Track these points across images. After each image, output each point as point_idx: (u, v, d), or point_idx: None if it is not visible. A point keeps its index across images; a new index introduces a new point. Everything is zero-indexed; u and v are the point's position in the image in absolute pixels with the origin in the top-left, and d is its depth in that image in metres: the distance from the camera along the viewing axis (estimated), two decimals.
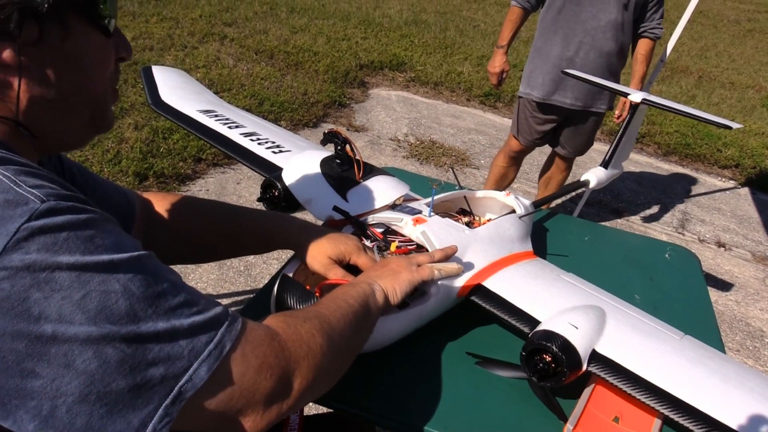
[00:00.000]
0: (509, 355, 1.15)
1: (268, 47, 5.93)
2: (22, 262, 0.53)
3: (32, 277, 0.53)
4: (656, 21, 2.94)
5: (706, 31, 10.65)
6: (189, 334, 0.61)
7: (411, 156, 4.52)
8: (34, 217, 0.55)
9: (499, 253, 1.27)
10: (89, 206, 0.62)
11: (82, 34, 0.69)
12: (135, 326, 0.57)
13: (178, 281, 0.65)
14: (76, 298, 0.55)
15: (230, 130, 1.67)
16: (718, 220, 4.41)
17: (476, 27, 8.41)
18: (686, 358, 1.07)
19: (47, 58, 0.66)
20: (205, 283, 2.81)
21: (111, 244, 0.60)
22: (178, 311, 0.61)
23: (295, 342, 0.73)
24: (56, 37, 0.66)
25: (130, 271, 0.59)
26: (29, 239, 0.54)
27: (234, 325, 0.66)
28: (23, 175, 0.58)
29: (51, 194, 0.57)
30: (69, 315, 0.54)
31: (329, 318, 0.82)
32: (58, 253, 0.55)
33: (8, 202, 0.55)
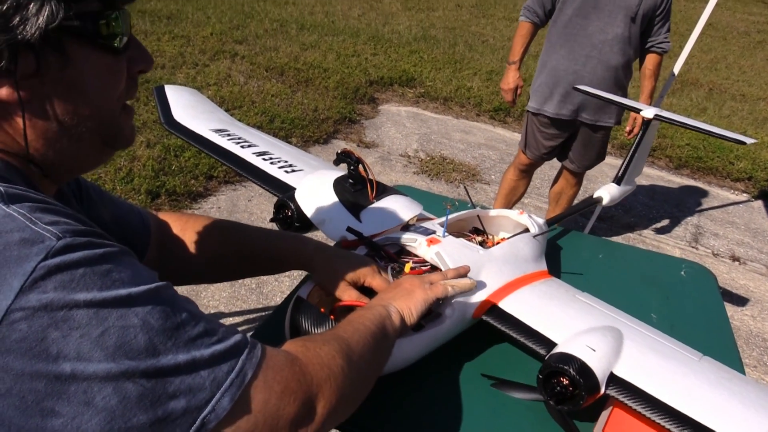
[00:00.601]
0: (525, 377, 1.13)
1: (278, 64, 5.98)
2: (39, 302, 0.52)
3: (50, 316, 0.53)
4: (663, 35, 2.94)
5: (716, 43, 10.62)
6: (210, 364, 0.60)
7: (421, 172, 4.52)
8: (50, 255, 0.54)
9: (513, 273, 1.27)
10: (106, 240, 0.61)
11: (84, 59, 0.65)
12: (155, 360, 0.57)
13: (196, 311, 0.64)
14: (95, 335, 0.54)
15: (243, 149, 1.67)
16: (732, 234, 4.37)
17: (485, 42, 8.43)
18: (706, 380, 1.05)
19: (48, 89, 0.64)
20: (217, 301, 2.81)
21: (128, 277, 0.59)
22: (198, 341, 0.61)
23: (315, 365, 0.72)
24: (55, 66, 0.63)
25: (148, 304, 0.59)
26: (46, 278, 0.53)
27: (254, 352, 0.66)
28: (39, 212, 0.58)
29: (67, 231, 0.57)
30: (88, 353, 0.54)
31: (348, 340, 0.81)
32: (75, 291, 0.54)
33: (25, 241, 0.54)
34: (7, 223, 0.55)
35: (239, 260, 1.16)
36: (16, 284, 0.52)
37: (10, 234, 0.54)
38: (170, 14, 7.03)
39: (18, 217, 0.56)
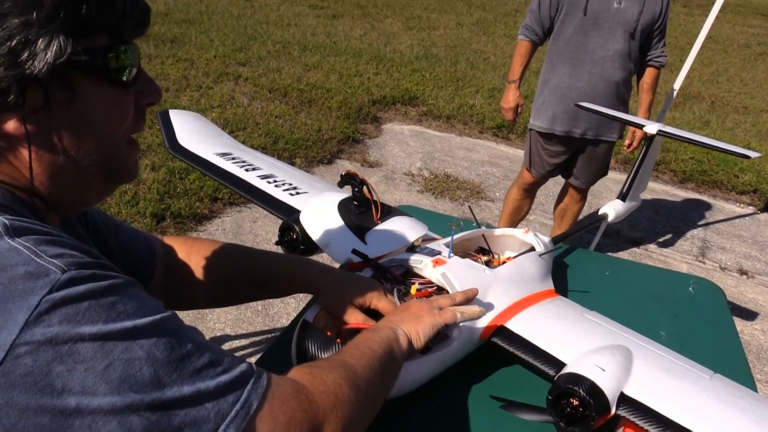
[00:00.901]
0: (535, 398, 1.12)
1: (281, 85, 6.02)
2: (44, 336, 0.52)
3: (55, 350, 0.52)
4: (660, 49, 2.97)
5: (717, 56, 10.66)
6: (215, 396, 0.60)
7: (426, 190, 4.52)
8: (55, 288, 0.54)
9: (520, 292, 1.26)
10: (111, 271, 0.61)
11: (92, 93, 0.65)
12: (160, 392, 0.56)
13: (202, 340, 0.64)
14: (100, 368, 0.54)
15: (247, 172, 1.68)
16: (739, 247, 4.35)
17: (486, 59, 8.48)
18: (717, 398, 1.04)
19: (55, 123, 0.64)
20: (223, 324, 2.80)
21: (133, 309, 0.59)
22: (203, 372, 0.60)
23: (322, 393, 0.71)
24: (63, 100, 0.63)
25: (154, 336, 0.59)
26: (51, 311, 0.53)
27: (260, 381, 0.65)
28: (44, 244, 0.58)
29: (72, 263, 0.57)
30: (92, 386, 0.53)
31: (355, 366, 0.80)
32: (80, 324, 0.54)
33: (29, 274, 0.54)
34: (12, 257, 0.55)
35: (244, 284, 1.16)
36: (21, 318, 0.52)
37: (15, 268, 0.54)
38: (174, 38, 7.11)
39: (23, 251, 0.56)
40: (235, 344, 2.70)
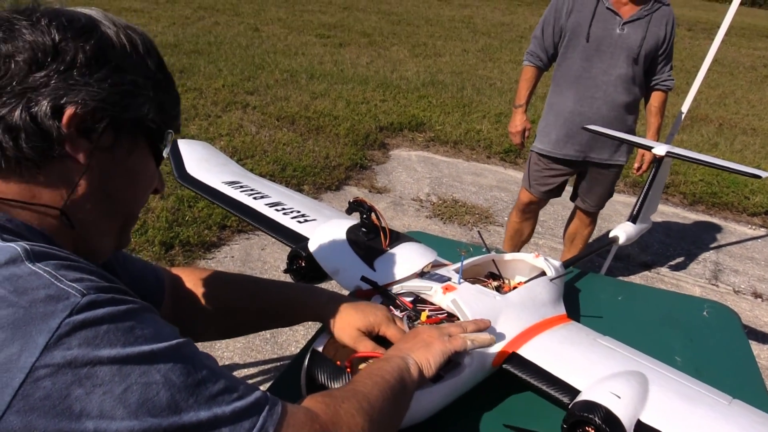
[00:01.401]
0: (549, 427, 1.10)
1: (289, 113, 6.07)
2: (63, 358, 0.53)
3: (74, 373, 0.53)
4: (666, 73, 2.97)
5: (723, 79, 10.68)
6: (231, 421, 0.61)
7: (434, 215, 4.52)
8: (75, 311, 0.56)
9: (532, 318, 1.24)
10: (129, 296, 0.63)
11: (144, 156, 0.78)
12: (177, 417, 0.57)
13: (216, 367, 0.65)
14: (118, 392, 0.55)
15: (255, 200, 1.68)
16: (753, 270, 4.30)
17: (492, 85, 8.53)
18: (738, 425, 1.01)
19: (111, 166, 0.73)
20: (232, 352, 2.78)
21: (150, 334, 0.60)
22: (219, 398, 0.61)
23: (335, 424, 0.71)
24: (125, 150, 0.74)
25: (170, 361, 0.59)
26: (71, 334, 0.54)
27: (275, 409, 0.66)
28: (63, 269, 0.59)
29: (91, 287, 0.59)
30: (110, 410, 0.54)
31: (368, 396, 0.80)
32: (99, 347, 0.55)
33: (50, 298, 0.56)
34: (33, 281, 0.57)
35: (252, 313, 1.16)
36: (42, 341, 0.53)
37: (35, 291, 0.56)
38: (183, 68, 7.20)
39: (43, 275, 0.58)
40: (244, 372, 2.67)
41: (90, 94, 0.68)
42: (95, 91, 0.68)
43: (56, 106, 0.66)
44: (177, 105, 0.82)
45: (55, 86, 0.66)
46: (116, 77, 0.70)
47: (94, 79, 0.68)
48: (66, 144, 0.67)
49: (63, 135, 0.67)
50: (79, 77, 0.67)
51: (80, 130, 0.68)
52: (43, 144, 0.66)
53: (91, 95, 0.68)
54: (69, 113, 0.66)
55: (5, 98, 0.65)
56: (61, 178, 0.69)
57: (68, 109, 0.66)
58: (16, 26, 0.66)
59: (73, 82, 0.67)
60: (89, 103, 0.68)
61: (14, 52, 0.65)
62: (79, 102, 0.67)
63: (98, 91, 0.68)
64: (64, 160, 0.68)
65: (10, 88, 0.65)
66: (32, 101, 0.65)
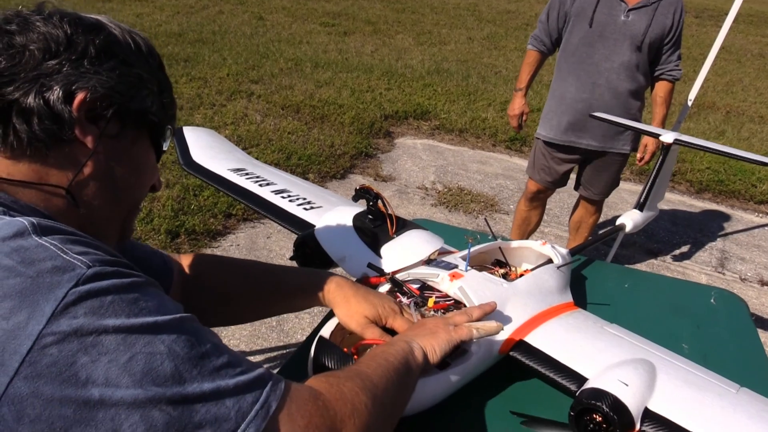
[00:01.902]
0: (556, 414, 1.10)
1: (294, 102, 6.05)
2: (70, 326, 0.54)
3: (80, 341, 0.54)
4: (673, 63, 2.93)
5: (731, 66, 10.58)
6: (235, 394, 0.61)
7: (439, 204, 4.51)
8: (81, 281, 0.57)
9: (539, 306, 1.24)
10: (133, 270, 0.64)
11: (146, 148, 0.83)
12: (180, 388, 0.58)
13: (220, 343, 0.66)
14: (123, 360, 0.56)
15: (261, 188, 1.68)
16: (759, 258, 4.28)
17: (498, 73, 8.48)
18: (745, 413, 1.01)
19: (116, 153, 0.77)
20: (238, 340, 2.79)
21: (154, 306, 0.61)
22: (223, 371, 0.62)
23: (339, 401, 0.72)
24: (130, 139, 0.78)
25: (174, 333, 0.60)
26: (77, 303, 0.56)
27: (278, 385, 0.66)
28: (69, 243, 0.61)
29: (96, 260, 0.60)
30: (116, 378, 0.55)
31: (371, 376, 0.80)
32: (104, 317, 0.56)
33: (56, 269, 0.57)
34: (40, 252, 0.58)
35: (262, 298, 1.16)
36: (48, 309, 0.54)
37: (42, 262, 0.57)
38: (187, 57, 7.18)
39: (50, 247, 0.59)
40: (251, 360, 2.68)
41: (100, 82, 0.72)
42: (104, 79, 0.72)
43: (68, 92, 0.69)
44: (174, 107, 0.88)
45: (67, 73, 0.70)
46: (124, 69, 0.75)
47: (104, 68, 0.73)
48: (76, 128, 0.71)
49: (73, 119, 0.70)
50: (89, 66, 0.71)
51: (89, 116, 0.72)
52: (54, 126, 0.69)
53: (101, 83, 0.72)
54: (80, 98, 0.70)
55: (19, 83, 0.68)
56: (68, 160, 0.72)
57: (79, 95, 0.70)
58: (29, 20, 0.71)
59: (84, 70, 0.71)
60: (99, 90, 0.71)
61: (28, 42, 0.69)
62: (89, 88, 0.71)
63: (107, 79, 0.72)
64: (73, 143, 0.72)
65: (24, 75, 0.68)
66: (45, 86, 0.68)
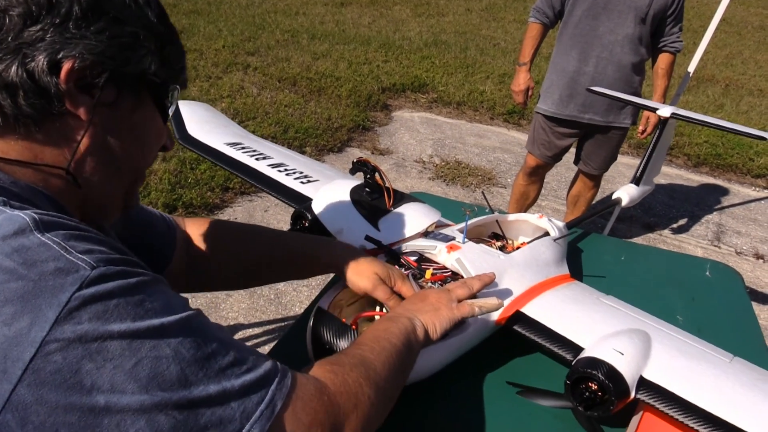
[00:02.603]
0: (552, 384, 1.11)
1: (290, 74, 6.00)
2: (74, 333, 0.52)
3: (84, 347, 0.53)
4: (675, 35, 2.91)
5: (731, 39, 10.51)
6: (240, 395, 0.60)
7: (437, 177, 4.50)
8: (85, 284, 0.55)
9: (536, 277, 1.25)
10: (139, 267, 0.62)
11: (150, 113, 0.76)
12: (187, 391, 0.57)
13: (227, 338, 0.64)
14: (128, 366, 0.54)
15: (258, 162, 1.67)
16: (755, 231, 4.30)
17: (496, 45, 8.41)
18: (738, 381, 1.02)
19: (114, 122, 0.71)
20: (236, 313, 2.81)
21: (160, 307, 0.59)
22: (229, 371, 0.61)
23: (343, 394, 0.72)
24: (128, 106, 0.72)
25: (180, 334, 0.59)
26: (81, 308, 0.54)
27: (284, 381, 0.65)
28: (73, 239, 0.58)
29: (101, 260, 0.58)
30: (121, 384, 0.54)
31: (375, 363, 0.80)
32: (109, 322, 0.54)
33: (59, 270, 0.55)
34: (42, 252, 0.55)
35: (269, 264, 1.15)
36: (52, 315, 0.52)
37: (45, 263, 0.55)
38: (182, 29, 7.09)
39: (52, 246, 0.56)
40: (249, 333, 2.70)
41: (87, 47, 0.65)
42: (93, 44, 0.65)
43: (53, 61, 0.63)
44: (182, 58, 0.79)
45: (51, 40, 0.63)
46: (115, 29, 0.67)
47: (92, 31, 0.65)
48: (66, 100, 0.65)
49: (62, 91, 0.65)
50: (75, 30, 0.64)
51: (80, 85, 0.66)
52: (41, 101, 0.64)
53: (89, 48, 0.65)
54: (66, 68, 0.64)
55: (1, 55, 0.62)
56: (62, 136, 0.67)
57: (65, 64, 0.64)
58: None
59: (69, 36, 0.64)
60: (87, 57, 0.65)
61: (7, 6, 0.62)
62: (77, 56, 0.64)
63: (96, 43, 0.65)
64: (64, 117, 0.67)
65: (5, 44, 0.62)
66: (28, 56, 0.63)
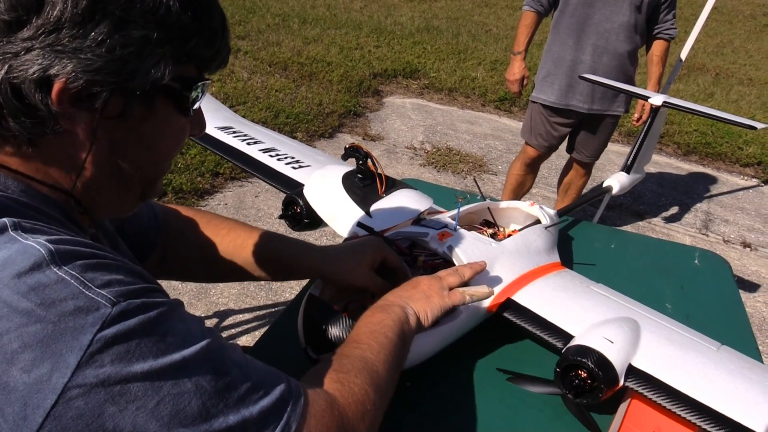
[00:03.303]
0: (541, 371, 1.12)
1: (281, 59, 5.96)
2: (96, 377, 0.51)
3: (106, 391, 0.51)
4: (670, 22, 2.91)
5: (722, 28, 10.53)
6: (258, 423, 0.60)
7: (428, 164, 4.50)
8: (106, 324, 0.53)
9: (527, 265, 1.25)
10: (158, 293, 0.60)
11: (164, 117, 0.67)
12: (208, 425, 0.56)
13: (242, 360, 0.64)
14: (151, 406, 0.53)
15: (249, 146, 1.66)
16: (743, 220, 4.34)
17: (488, 31, 8.38)
18: (726, 370, 1.03)
19: (121, 134, 0.64)
20: (227, 298, 2.81)
21: (180, 339, 0.58)
22: (247, 399, 0.60)
23: (352, 405, 0.73)
24: (138, 117, 0.64)
25: (201, 366, 0.58)
26: (103, 351, 0.52)
27: (298, 402, 0.65)
28: (91, 271, 0.55)
29: (121, 293, 0.55)
30: (143, 425, 0.53)
31: (376, 365, 0.81)
32: (131, 362, 0.53)
33: (79, 310, 0.52)
34: (61, 290, 0.53)
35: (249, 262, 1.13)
36: (73, 360, 0.51)
37: (64, 303, 0.52)
38: None
39: (71, 282, 0.53)
40: (239, 318, 2.70)
41: (81, 64, 0.56)
42: (89, 59, 0.56)
43: (42, 79, 0.56)
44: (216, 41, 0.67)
45: (39, 53, 0.55)
46: (118, 37, 0.57)
47: (89, 42, 0.56)
48: (61, 119, 0.59)
49: (53, 113, 0.57)
50: (68, 41, 0.55)
51: (76, 102, 0.58)
52: (32, 121, 0.58)
53: (84, 65, 0.56)
54: (57, 88, 0.56)
55: None
56: (64, 154, 0.62)
57: (56, 84, 0.56)
58: None
59: (60, 48, 0.55)
60: (80, 76, 0.56)
61: None
62: (70, 75, 0.56)
63: (93, 58, 0.56)
64: (63, 134, 0.60)
65: None
66: (13, 70, 0.55)
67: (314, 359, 0.95)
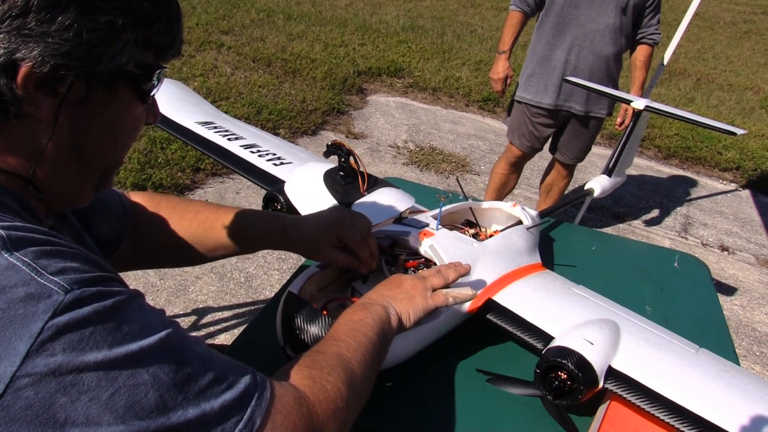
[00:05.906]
0: (521, 372, 1.12)
1: (265, 55, 5.92)
2: (47, 366, 0.49)
3: (58, 381, 0.50)
4: (654, 27, 2.93)
5: (703, 33, 10.65)
6: (219, 417, 0.59)
7: (411, 163, 4.49)
8: (58, 311, 0.51)
9: (508, 266, 1.25)
10: (115, 282, 0.58)
11: (126, 104, 0.68)
12: (165, 418, 0.54)
13: (205, 353, 0.62)
14: (104, 397, 0.52)
15: (230, 142, 1.64)
16: (721, 224, 4.39)
17: (473, 32, 8.40)
18: (704, 372, 1.04)
19: (83, 120, 0.64)
20: (206, 296, 2.78)
21: (138, 328, 0.56)
22: (208, 392, 0.59)
23: (322, 402, 0.71)
24: (99, 102, 0.64)
25: (159, 356, 0.56)
26: (54, 339, 0.50)
27: (263, 395, 0.64)
28: (44, 257, 0.54)
29: (75, 281, 0.54)
30: (97, 417, 0.51)
31: (352, 363, 0.79)
32: (84, 351, 0.51)
33: (30, 296, 0.51)
34: (11, 277, 0.51)
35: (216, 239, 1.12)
36: (23, 348, 0.49)
37: (14, 289, 0.50)
38: None
39: (22, 268, 0.52)
40: (218, 316, 2.68)
41: (48, 48, 0.56)
42: (56, 44, 0.56)
43: (8, 63, 0.56)
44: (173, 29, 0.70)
45: (5, 38, 0.55)
46: (85, 21, 0.57)
47: (56, 26, 0.56)
48: (24, 104, 0.59)
49: (18, 97, 0.58)
50: (35, 25, 0.55)
51: (40, 86, 0.59)
52: None
53: (50, 50, 0.56)
54: (23, 72, 0.57)
55: None
56: (24, 140, 0.61)
57: (22, 68, 0.56)
58: None
59: (27, 32, 0.55)
60: (47, 60, 0.57)
61: None
62: (36, 59, 0.56)
63: (60, 42, 0.57)
64: (24, 119, 0.60)
65: None
66: None
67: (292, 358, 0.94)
